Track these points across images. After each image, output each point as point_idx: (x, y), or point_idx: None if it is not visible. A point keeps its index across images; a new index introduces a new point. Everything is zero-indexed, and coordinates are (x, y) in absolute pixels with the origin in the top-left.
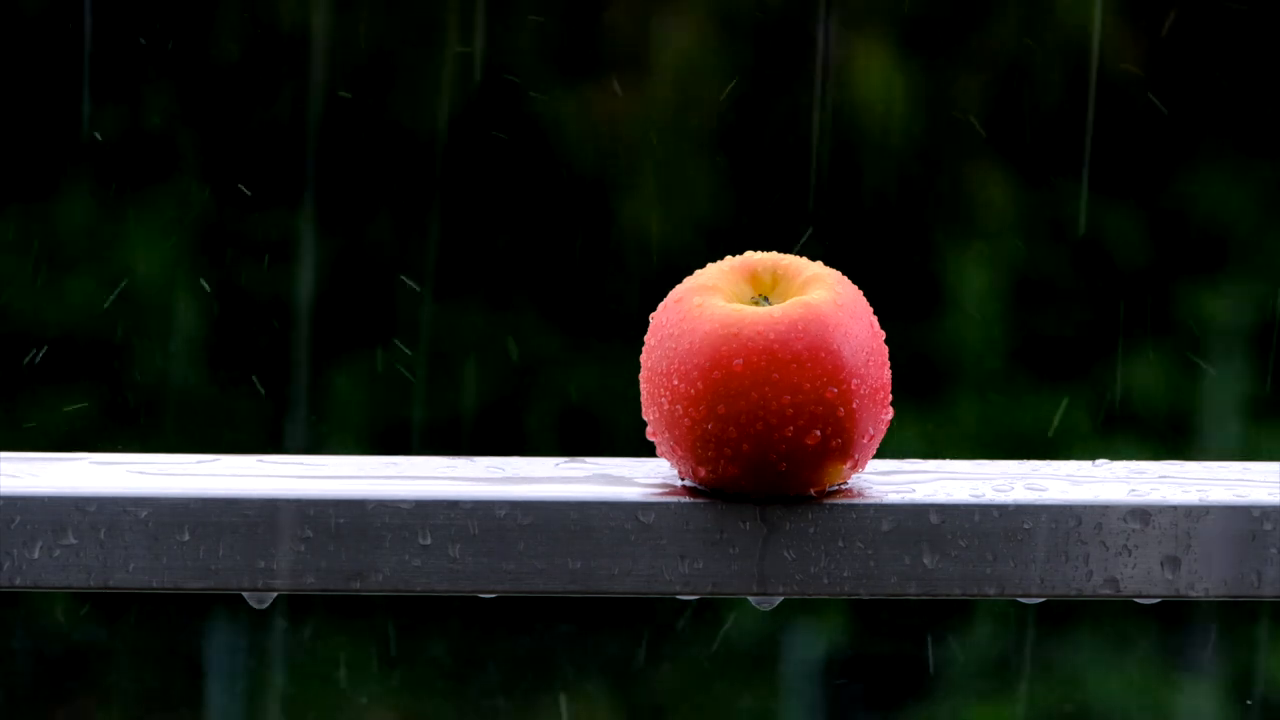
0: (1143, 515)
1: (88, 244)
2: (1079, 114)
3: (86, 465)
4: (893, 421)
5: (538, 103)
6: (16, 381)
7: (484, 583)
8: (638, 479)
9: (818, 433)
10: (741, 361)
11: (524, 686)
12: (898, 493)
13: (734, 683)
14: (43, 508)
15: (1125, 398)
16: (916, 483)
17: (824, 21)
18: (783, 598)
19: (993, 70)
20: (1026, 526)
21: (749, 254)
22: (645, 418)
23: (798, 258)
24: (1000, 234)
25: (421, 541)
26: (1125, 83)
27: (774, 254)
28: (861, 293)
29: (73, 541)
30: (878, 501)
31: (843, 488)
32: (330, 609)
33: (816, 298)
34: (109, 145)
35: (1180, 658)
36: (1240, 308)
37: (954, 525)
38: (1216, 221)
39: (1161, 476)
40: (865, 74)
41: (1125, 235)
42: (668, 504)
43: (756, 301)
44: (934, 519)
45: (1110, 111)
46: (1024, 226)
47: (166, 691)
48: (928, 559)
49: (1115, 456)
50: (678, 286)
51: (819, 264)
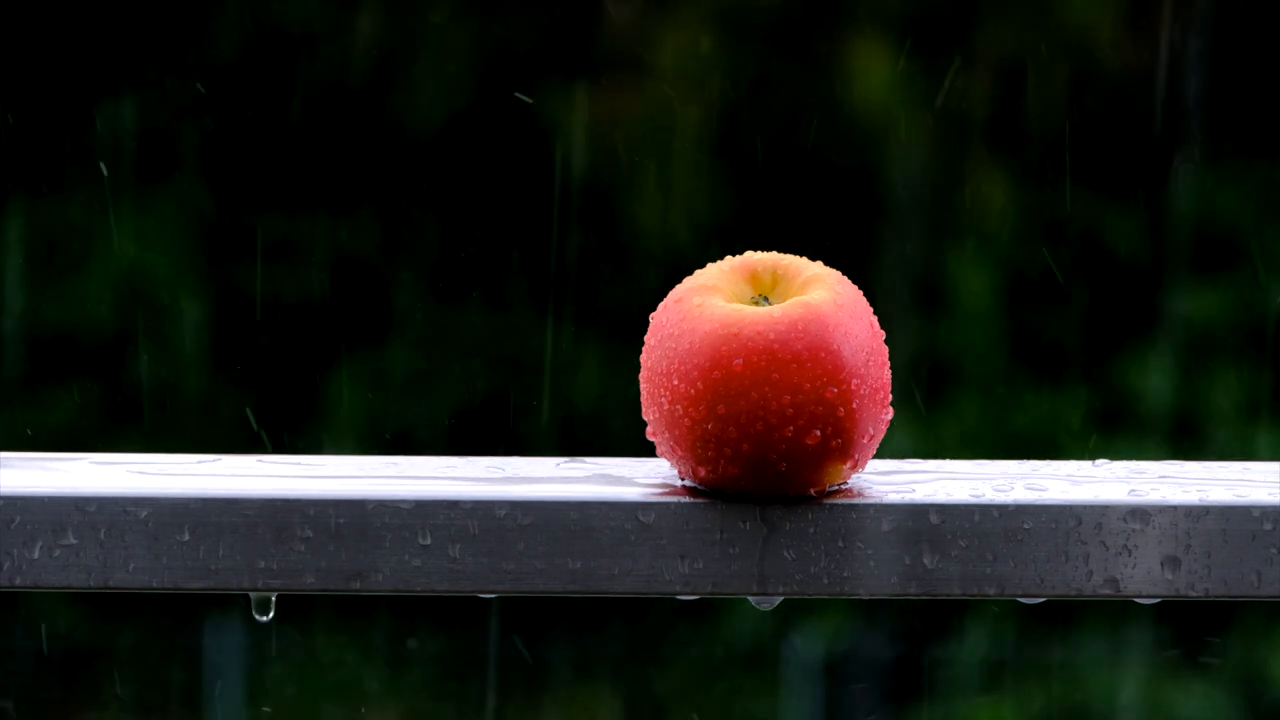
0: (1143, 515)
1: (88, 244)
2: (1079, 114)
3: (86, 465)
4: (893, 421)
5: (538, 103)
6: (17, 381)
7: (484, 583)
8: (638, 479)
9: (818, 433)
10: (741, 361)
11: (524, 686)
12: (898, 493)
13: (734, 683)
14: (43, 508)
15: (1125, 398)
16: (916, 483)
17: (824, 21)
18: (783, 598)
19: (993, 70)
20: (1026, 526)
21: (749, 254)
22: (645, 418)
23: (798, 258)
24: (1000, 234)
25: (421, 541)
26: (1125, 83)
27: (774, 254)
28: (861, 293)
29: (73, 541)
30: (878, 501)
31: (843, 488)
32: (330, 609)
33: (816, 298)
34: (109, 145)
35: (1180, 658)
36: (1240, 308)
37: (954, 525)
38: (1216, 221)
39: (1161, 476)
40: (865, 74)
41: (1125, 235)
42: (668, 504)
43: (756, 301)
44: (934, 519)
45: (1110, 111)
46: (1024, 226)
47: (166, 692)
48: (928, 559)
49: (1115, 456)
50: (678, 286)
51: (819, 264)
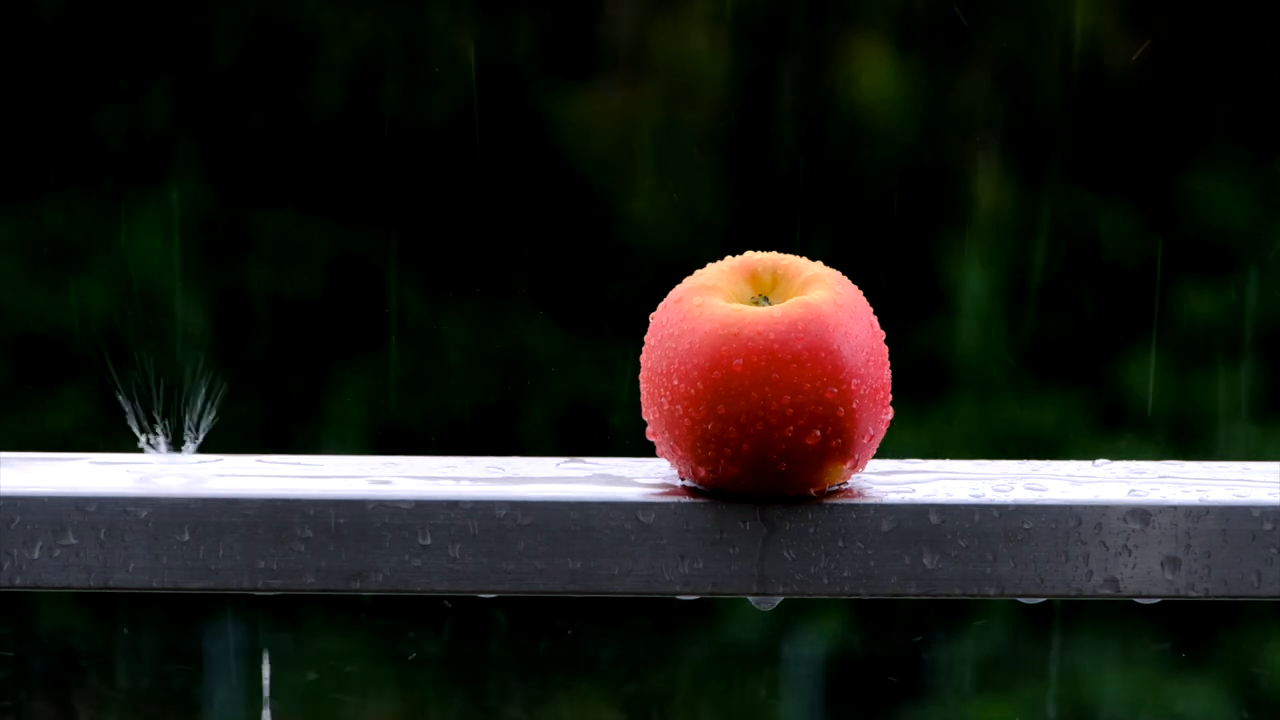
0: (1143, 515)
1: (88, 244)
2: (1079, 114)
3: (86, 465)
4: (893, 421)
5: (538, 102)
6: (17, 381)
7: (484, 583)
8: (638, 479)
9: (818, 433)
10: (741, 361)
11: (524, 687)
12: (898, 493)
13: (734, 683)
14: (43, 508)
15: (1125, 398)
16: (916, 483)
17: (824, 21)
18: (783, 598)
19: (993, 70)
20: (1026, 526)
21: (749, 254)
22: (645, 418)
23: (798, 258)
24: (1000, 234)
25: (421, 541)
26: (1125, 83)
27: (774, 254)
28: (861, 293)
29: (73, 541)
30: (878, 501)
31: (843, 488)
32: (330, 609)
33: (816, 298)
34: (110, 145)
35: (1181, 658)
36: (1240, 307)
37: (954, 525)
38: (1217, 221)
39: (1161, 476)
40: (865, 74)
41: (1125, 235)
42: (668, 504)
43: (756, 301)
44: (934, 519)
45: (1110, 111)
46: (1024, 226)
47: (167, 692)
48: (928, 559)
49: (1115, 456)
50: (678, 286)
51: (819, 264)
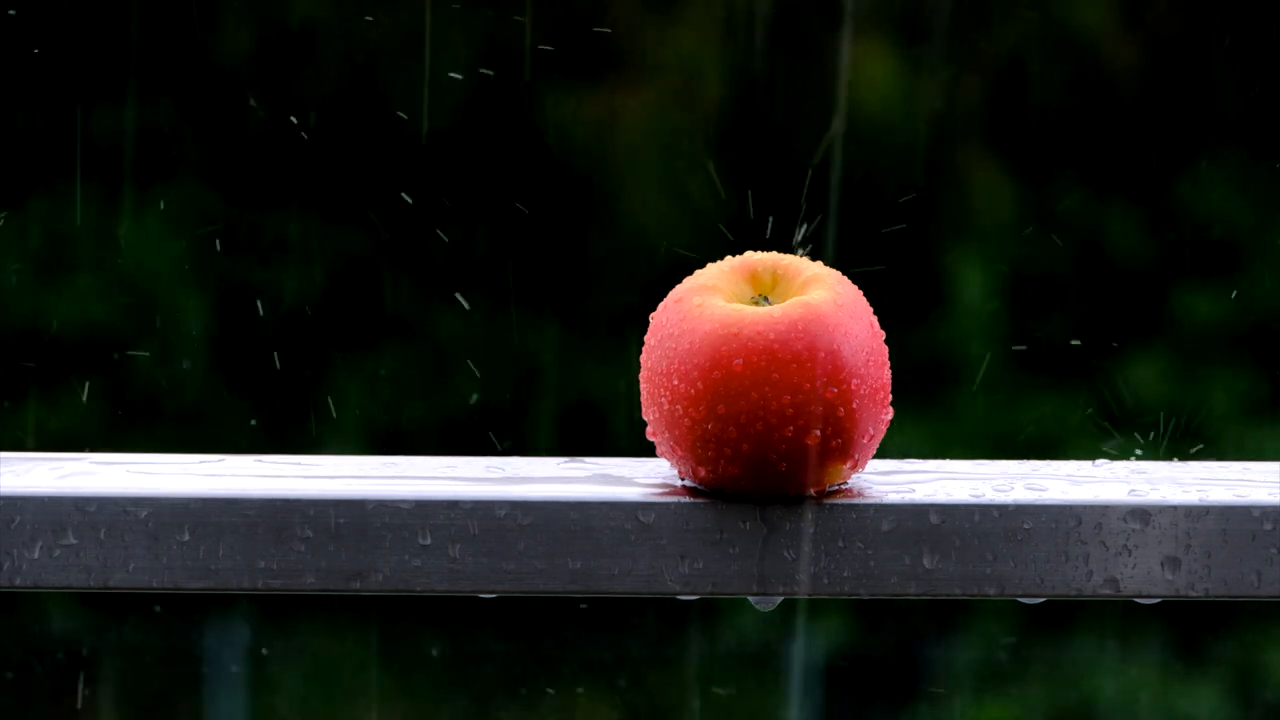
0: (1143, 515)
1: (89, 244)
2: (1079, 114)
3: (86, 465)
4: (893, 421)
5: (538, 102)
6: (17, 381)
7: (484, 583)
8: (638, 479)
9: (818, 433)
10: (741, 361)
11: (524, 687)
12: (898, 493)
13: (734, 683)
14: (43, 508)
15: (1125, 398)
16: (916, 483)
17: (824, 21)
18: (783, 598)
19: (993, 70)
20: (1026, 526)
21: (749, 254)
22: (645, 418)
23: (798, 258)
24: (1000, 234)
25: (421, 541)
26: (1125, 83)
27: (774, 254)
28: (861, 293)
29: (73, 541)
30: (878, 501)
31: (843, 488)
32: (330, 608)
33: (816, 298)
34: (110, 145)
35: (1181, 657)
36: (1240, 308)
37: (954, 525)
38: (1217, 221)
39: (1161, 476)
40: (865, 74)
41: (1125, 235)
42: (668, 504)
43: (756, 301)
44: (934, 519)
45: (1110, 111)
46: (1024, 226)
47: (166, 691)
48: (928, 559)
49: (1115, 456)
50: (678, 286)
51: (819, 264)
